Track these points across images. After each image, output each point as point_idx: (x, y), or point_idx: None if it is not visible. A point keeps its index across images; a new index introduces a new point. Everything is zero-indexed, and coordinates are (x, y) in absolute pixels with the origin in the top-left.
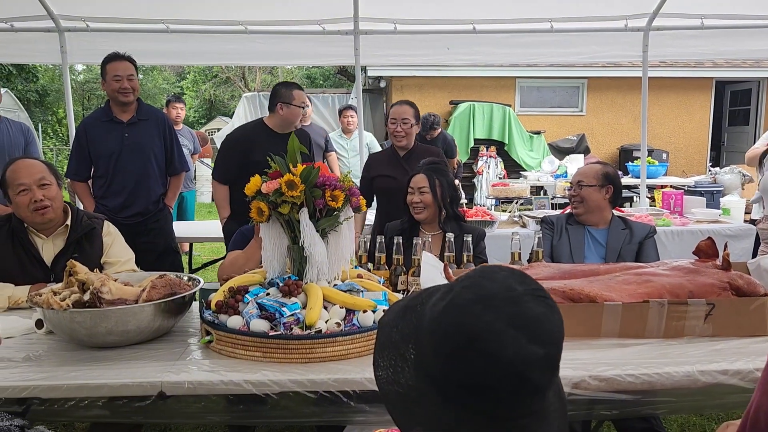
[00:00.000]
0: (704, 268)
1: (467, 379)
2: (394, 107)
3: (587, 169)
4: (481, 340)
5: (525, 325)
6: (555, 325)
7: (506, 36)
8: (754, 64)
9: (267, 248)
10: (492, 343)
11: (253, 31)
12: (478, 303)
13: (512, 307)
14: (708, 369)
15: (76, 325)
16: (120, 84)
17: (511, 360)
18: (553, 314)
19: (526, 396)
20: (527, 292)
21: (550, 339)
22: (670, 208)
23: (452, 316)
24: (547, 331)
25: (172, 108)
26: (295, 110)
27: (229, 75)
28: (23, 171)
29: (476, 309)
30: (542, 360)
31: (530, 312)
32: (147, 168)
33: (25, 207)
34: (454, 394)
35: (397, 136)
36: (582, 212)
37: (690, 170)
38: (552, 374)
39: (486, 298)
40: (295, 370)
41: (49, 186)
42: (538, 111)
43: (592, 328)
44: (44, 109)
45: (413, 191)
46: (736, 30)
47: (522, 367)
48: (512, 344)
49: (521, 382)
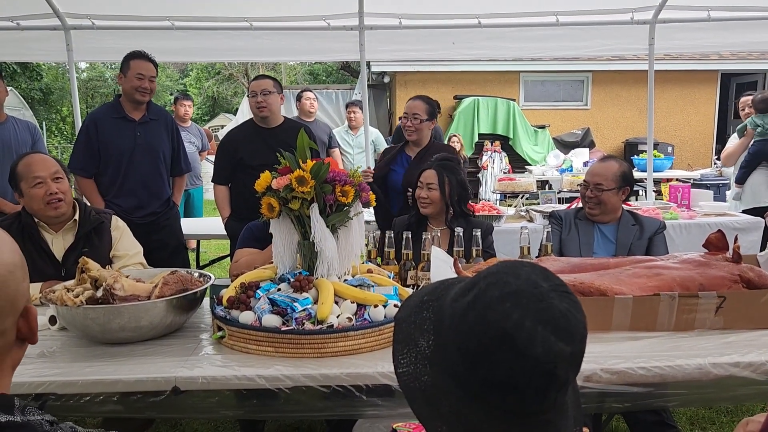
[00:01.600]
0: (714, 261)
1: (495, 377)
2: (408, 102)
3: (604, 169)
4: (510, 337)
5: (552, 322)
6: (580, 321)
7: (512, 30)
8: (759, 56)
9: (277, 244)
10: (522, 341)
11: (258, 27)
12: (506, 300)
13: (539, 304)
14: (719, 361)
15: (89, 322)
16: (142, 83)
17: (540, 358)
18: (578, 311)
19: (552, 392)
20: (552, 288)
21: (576, 336)
22: (677, 202)
23: (479, 313)
24: (573, 327)
25: (180, 105)
26: (250, 101)
27: (232, 72)
28: (39, 164)
29: (504, 306)
30: (569, 357)
31: (556, 309)
32: (158, 168)
33: (40, 199)
34: (480, 391)
35: (407, 130)
36: (597, 213)
37: (695, 163)
38: (576, 370)
39: (513, 295)
40: (307, 364)
41: (62, 180)
42: (542, 105)
43: (603, 321)
44: (48, 108)
45: (422, 186)
46: (743, 22)
47: (551, 365)
48: (542, 342)
49: (549, 379)
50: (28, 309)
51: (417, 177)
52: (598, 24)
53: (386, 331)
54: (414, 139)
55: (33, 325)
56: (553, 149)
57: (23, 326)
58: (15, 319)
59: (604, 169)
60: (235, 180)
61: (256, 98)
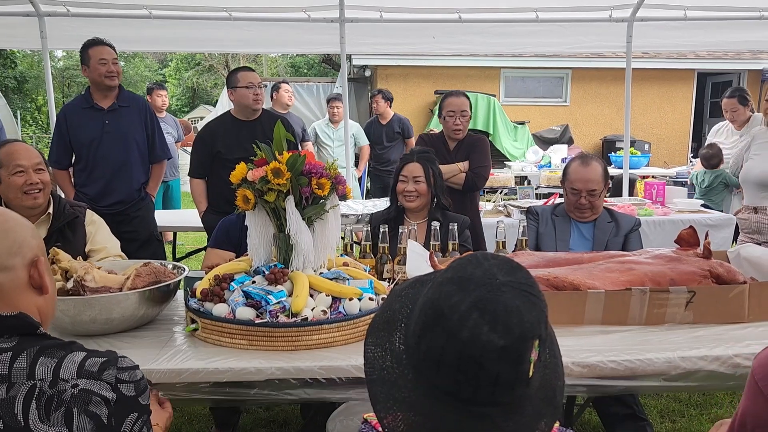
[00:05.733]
0: (685, 256)
1: (432, 354)
2: (451, 98)
3: (593, 174)
4: (444, 317)
5: (491, 313)
6: (528, 321)
7: (492, 25)
8: (735, 56)
9: (253, 236)
10: (452, 323)
11: (237, 17)
12: (454, 283)
13: (484, 294)
14: (688, 355)
15: (59, 313)
16: (107, 68)
17: (467, 343)
18: (531, 311)
19: (485, 384)
20: (509, 282)
21: (516, 332)
22: (652, 198)
23: (431, 292)
24: (515, 323)
25: (156, 96)
26: (241, 92)
27: (212, 63)
28: (22, 153)
29: (449, 288)
30: (500, 350)
31: (501, 302)
32: (128, 155)
33: (18, 188)
34: (424, 369)
35: (456, 130)
36: (589, 215)
37: (671, 161)
38: (516, 369)
39: (462, 280)
40: (281, 357)
41: (43, 172)
42: (522, 101)
43: (576, 315)
44: (23, 96)
45: (406, 180)
46: (719, 22)
47: (477, 353)
48: (471, 328)
49: (477, 367)
50: (38, 260)
51: (398, 171)
52: (578, 21)
53: (361, 324)
54: (460, 137)
55: (43, 275)
56: (532, 145)
57: (35, 274)
58: (24, 262)
59: (593, 173)
60: (212, 173)
61: (253, 90)
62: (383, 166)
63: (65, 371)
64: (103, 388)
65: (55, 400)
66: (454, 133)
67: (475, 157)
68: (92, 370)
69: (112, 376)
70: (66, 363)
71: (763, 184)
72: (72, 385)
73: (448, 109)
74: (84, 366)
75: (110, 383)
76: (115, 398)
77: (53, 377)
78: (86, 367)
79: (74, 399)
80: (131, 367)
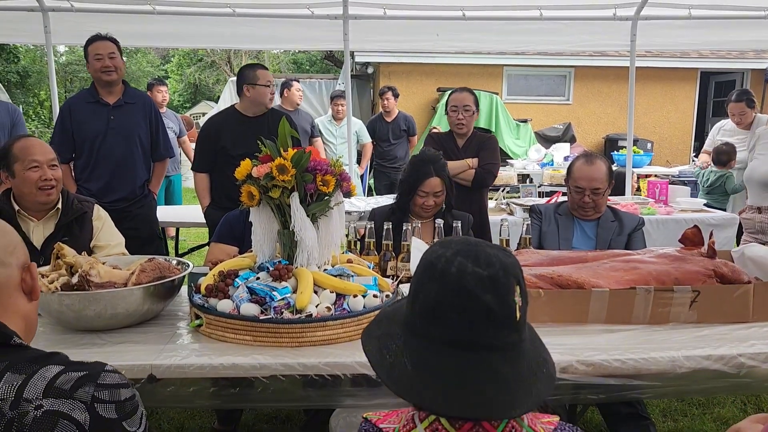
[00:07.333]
0: (690, 255)
1: (428, 304)
2: (455, 94)
3: (598, 173)
4: (433, 266)
5: (472, 255)
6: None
7: (495, 23)
8: (738, 56)
9: (257, 232)
10: (440, 266)
11: (240, 14)
12: (442, 246)
13: (467, 247)
14: (692, 354)
15: (64, 308)
16: (101, 63)
17: (455, 274)
18: (508, 257)
19: (479, 320)
20: (484, 242)
21: (496, 264)
22: (655, 197)
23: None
24: (494, 260)
25: (156, 92)
26: (261, 90)
27: (214, 59)
28: (38, 148)
29: (437, 247)
30: (486, 279)
31: (481, 249)
32: (131, 152)
33: (33, 183)
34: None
35: (459, 124)
36: (592, 214)
37: (674, 160)
38: (504, 300)
39: (443, 243)
40: (285, 354)
41: (57, 168)
42: (525, 99)
43: (580, 313)
44: (25, 91)
45: (427, 195)
46: (723, 21)
47: (464, 281)
48: (458, 265)
49: (468, 299)
50: (31, 265)
51: (416, 185)
52: (581, 19)
53: (365, 320)
54: (464, 132)
55: (35, 281)
56: (534, 143)
57: (27, 278)
58: (18, 263)
59: (597, 172)
60: (216, 169)
61: (269, 88)
62: (389, 163)
63: (30, 390)
64: (75, 409)
65: (15, 424)
66: (457, 127)
67: (484, 154)
68: (64, 387)
69: (88, 394)
70: (34, 380)
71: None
72: (35, 406)
73: (452, 105)
74: (54, 383)
75: (85, 402)
76: (89, 421)
77: (15, 397)
78: (57, 384)
79: (36, 423)
80: (115, 385)
